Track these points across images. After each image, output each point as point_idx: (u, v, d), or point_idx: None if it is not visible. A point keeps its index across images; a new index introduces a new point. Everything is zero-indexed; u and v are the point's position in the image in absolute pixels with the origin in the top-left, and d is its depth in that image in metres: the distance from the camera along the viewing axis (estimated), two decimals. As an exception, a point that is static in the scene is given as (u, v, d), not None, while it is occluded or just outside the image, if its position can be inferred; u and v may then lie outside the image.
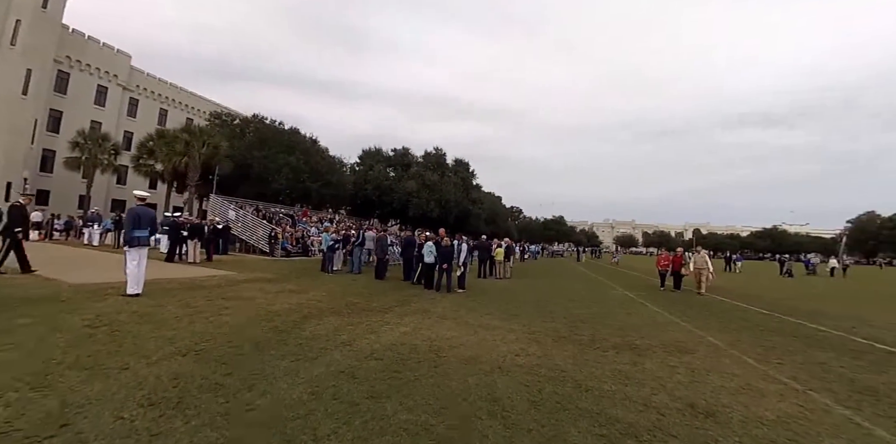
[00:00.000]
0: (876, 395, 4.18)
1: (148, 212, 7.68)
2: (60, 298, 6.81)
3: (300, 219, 28.26)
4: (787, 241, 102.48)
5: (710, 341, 6.33)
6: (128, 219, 7.51)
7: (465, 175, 43.35)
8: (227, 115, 36.23)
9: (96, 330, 5.01)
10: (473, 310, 8.12)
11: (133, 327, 5.28)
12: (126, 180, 39.70)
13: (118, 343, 4.53)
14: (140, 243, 7.41)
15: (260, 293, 8.70)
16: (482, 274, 15.88)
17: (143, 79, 44.68)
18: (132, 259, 7.26)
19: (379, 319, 6.75)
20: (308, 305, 7.66)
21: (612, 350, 5.43)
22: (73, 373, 3.55)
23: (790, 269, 28.44)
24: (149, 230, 7.60)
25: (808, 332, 7.57)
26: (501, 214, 62.73)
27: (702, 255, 14.01)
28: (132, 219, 7.43)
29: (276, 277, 11.87)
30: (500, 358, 4.79)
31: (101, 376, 3.54)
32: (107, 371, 3.65)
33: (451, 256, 10.66)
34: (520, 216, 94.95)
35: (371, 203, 38.62)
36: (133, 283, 7.29)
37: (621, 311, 9.12)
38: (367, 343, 5.18)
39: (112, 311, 6.12)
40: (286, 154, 30.31)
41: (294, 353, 4.60)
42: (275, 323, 6.01)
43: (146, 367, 3.84)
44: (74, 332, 4.88)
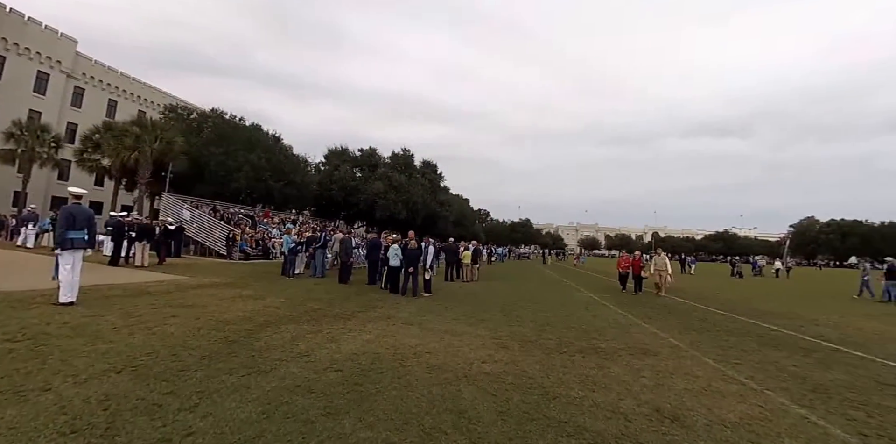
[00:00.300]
0: (827, 393, 4.35)
1: (84, 211, 7.02)
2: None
3: (261, 220, 27.23)
4: (737, 244, 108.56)
5: (672, 342, 6.45)
6: (61, 219, 6.81)
7: (433, 177, 43.19)
8: (183, 108, 34.37)
9: (17, 345, 4.46)
10: (440, 315, 7.96)
11: (62, 342, 4.75)
12: (69, 176, 36.94)
13: (42, 360, 4.04)
14: (74, 245, 6.76)
15: (212, 300, 8.18)
16: (449, 277, 15.75)
17: (90, 66, 41.65)
18: (65, 263, 6.63)
19: (341, 326, 6.47)
20: (265, 312, 7.25)
21: (579, 354, 5.40)
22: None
23: (740, 270, 30.18)
24: (86, 231, 6.93)
25: (762, 331, 7.89)
26: (469, 217, 62.98)
27: (661, 257, 14.18)
28: (66, 219, 6.74)
29: (233, 281, 11.28)
30: (467, 366, 4.65)
31: (17, 399, 3.10)
32: (24, 394, 3.21)
33: (418, 259, 10.46)
34: (487, 219, 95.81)
35: (337, 204, 37.77)
36: (66, 290, 6.66)
37: (586, 313, 9.21)
38: (326, 353, 4.90)
39: (39, 322, 5.53)
40: (247, 152, 29.07)
41: (245, 366, 4.26)
42: (226, 333, 5.61)
43: (72, 387, 3.42)
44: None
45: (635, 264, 14.31)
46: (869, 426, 3.52)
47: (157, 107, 41.80)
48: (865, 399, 4.20)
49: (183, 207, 22.36)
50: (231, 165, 28.16)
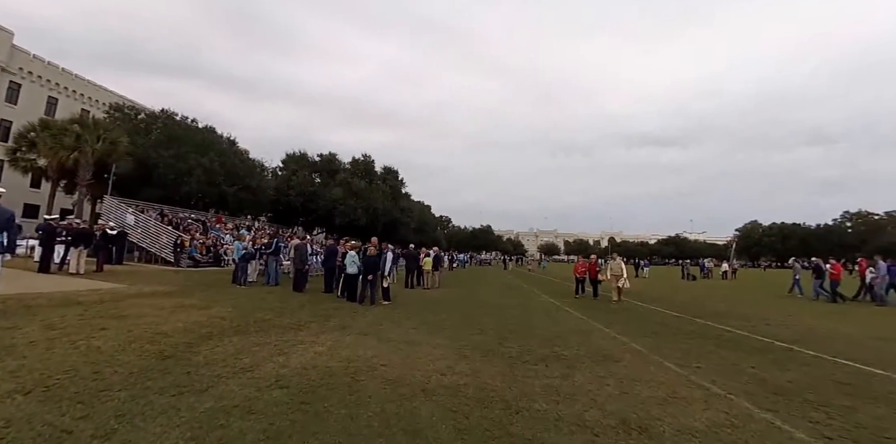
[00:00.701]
0: (787, 395, 4.35)
1: (2, 212, 6.28)
2: None
3: (213, 225, 25.83)
4: (688, 247, 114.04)
5: (633, 347, 6.40)
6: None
7: (395, 183, 42.70)
8: (130, 108, 32.34)
9: None
10: (398, 324, 7.61)
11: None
12: (0, 177, 33.83)
13: None
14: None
15: (151, 310, 7.51)
16: (410, 285, 15.39)
17: (27, 61, 38.51)
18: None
19: (291, 337, 6.01)
20: (209, 323, 6.68)
21: (542, 363, 5.22)
22: None
23: (691, 273, 31.65)
24: (4, 235, 6.28)
25: (718, 333, 8.04)
26: (430, 223, 62.73)
27: (617, 262, 13.86)
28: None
29: (177, 290, 10.48)
30: (425, 379, 4.35)
31: None
32: None
33: (377, 266, 10.05)
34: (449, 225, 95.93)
35: (295, 210, 36.55)
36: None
37: (547, 319, 9.13)
38: (272, 368, 4.48)
39: None
40: (199, 154, 27.59)
41: (178, 384, 3.80)
42: (161, 347, 5.08)
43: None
44: None
45: (591, 268, 14.15)
46: (831, 428, 3.51)
47: (103, 106, 39.09)
48: (824, 400, 4.22)
49: (127, 211, 20.87)
50: (181, 168, 26.64)
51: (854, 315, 11.51)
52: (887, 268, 14.01)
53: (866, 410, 3.99)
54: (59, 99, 41.08)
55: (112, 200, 21.74)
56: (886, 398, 4.37)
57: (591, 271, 14.00)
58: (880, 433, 3.47)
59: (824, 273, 15.07)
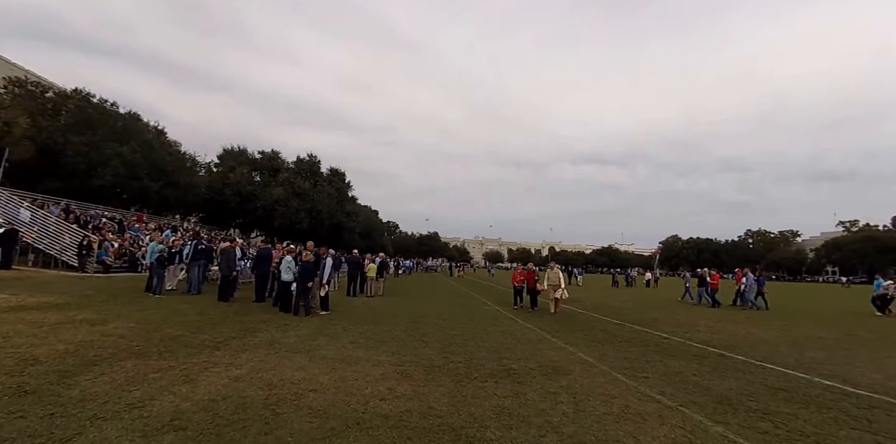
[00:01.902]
0: (731, 404, 4.39)
1: None
2: None
3: (131, 225, 23.25)
4: (620, 257, 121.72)
5: (581, 357, 6.24)
6: None
7: (341, 186, 41.17)
8: (35, 84, 28.17)
9: None
10: (335, 338, 6.92)
11: None
12: None
13: None
14: None
15: (26, 328, 6.21)
16: (352, 292, 14.58)
17: None
18: None
19: (204, 359, 5.14)
20: (100, 343, 5.59)
21: (491, 379, 4.83)
22: None
23: (619, 280, 33.95)
24: None
25: (657, 340, 8.18)
26: (377, 229, 61.39)
27: (555, 271, 12.78)
28: None
29: (72, 301, 8.98)
30: (361, 406, 3.78)
31: None
32: None
33: (313, 272, 9.24)
34: (396, 231, 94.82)
35: (230, 210, 34.02)
36: None
37: (494, 329, 8.82)
38: (170, 402, 3.64)
39: None
40: (117, 143, 24.76)
41: (32, 434, 2.91)
42: (23, 378, 4.02)
43: None
44: None
45: (530, 277, 13.24)
46: (779, 438, 3.56)
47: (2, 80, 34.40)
48: (765, 407, 4.33)
49: (21, 205, 18.12)
50: (94, 157, 23.75)
51: (759, 320, 12.57)
52: (755, 279, 16.59)
53: (805, 416, 4.15)
54: (-54, 75, 35.50)
55: (2, 191, 18.81)
56: (818, 403, 4.59)
57: (530, 281, 13.16)
58: (823, 440, 3.59)
59: (707, 282, 17.35)
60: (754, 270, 18.46)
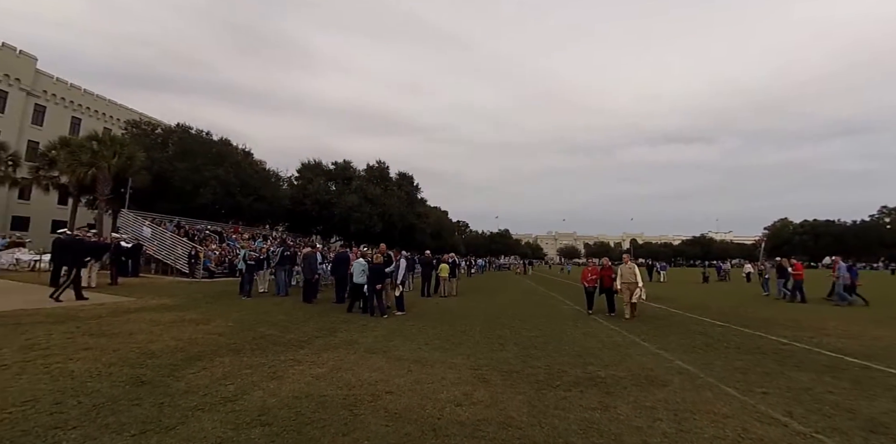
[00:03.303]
0: (888, 432, 3.44)
1: None
2: None
3: (229, 236, 25.76)
4: (714, 248, 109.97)
5: (680, 366, 5.51)
6: None
7: (410, 189, 42.28)
8: (147, 123, 32.88)
9: None
10: (410, 339, 6.89)
11: None
12: (30, 195, 34.75)
13: None
14: None
15: (147, 326, 7.03)
16: (426, 293, 14.68)
17: (50, 84, 39.87)
18: None
19: (290, 357, 5.38)
20: (203, 340, 6.13)
21: (575, 388, 4.41)
22: None
23: (709, 274, 29.60)
24: None
25: (773, 346, 7.01)
26: (448, 229, 62.03)
27: (628, 266, 10.33)
28: None
29: (182, 303, 10.04)
30: (437, 412, 3.62)
31: None
32: None
33: (384, 274, 9.36)
34: (466, 230, 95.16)
35: (311, 219, 36.39)
36: None
37: (576, 330, 8.25)
38: (259, 397, 3.85)
39: None
40: (214, 166, 27.77)
41: (145, 420, 3.22)
42: (141, 370, 4.55)
43: None
44: None
45: (604, 275, 10.85)
46: None
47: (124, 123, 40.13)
48: None
49: (143, 223, 20.89)
50: (197, 179, 26.81)
51: None
52: (847, 268, 14.20)
53: None
54: (83, 119, 42.27)
55: (129, 213, 21.84)
56: None
57: (605, 279, 10.80)
58: None
59: (787, 273, 15.31)
60: (847, 257, 16.12)
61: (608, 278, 10.77)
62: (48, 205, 36.24)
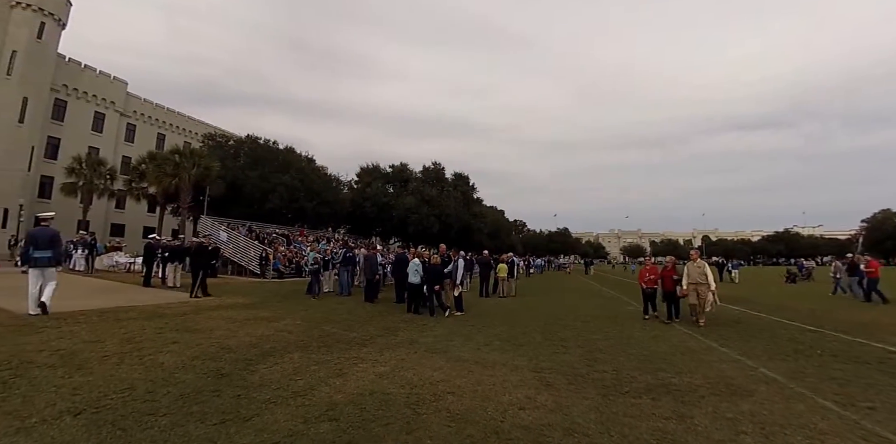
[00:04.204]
0: None
1: (46, 232, 7.40)
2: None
3: (296, 239, 27.28)
4: (801, 244, 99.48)
5: (765, 374, 5.03)
6: (25, 241, 7.57)
7: (466, 189, 42.42)
8: (221, 136, 35.82)
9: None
10: (470, 339, 6.88)
11: (40, 372, 4.28)
12: (125, 205, 39.14)
13: (3, 397, 3.56)
14: (37, 263, 7.20)
15: (224, 323, 7.59)
16: (484, 293, 14.61)
17: (139, 104, 44.70)
18: (33, 280, 7.21)
19: (354, 354, 5.57)
20: (274, 337, 6.51)
21: (646, 395, 4.16)
22: None
23: (791, 273, 26.55)
24: (50, 251, 7.33)
25: (879, 354, 6.20)
26: (504, 228, 61.51)
27: (697, 265, 9.03)
28: (29, 240, 7.35)
29: (255, 301, 10.76)
30: (499, 414, 3.57)
31: None
32: None
33: (440, 275, 9.42)
34: (524, 230, 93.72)
35: (370, 221, 37.64)
36: (32, 303, 7.19)
37: (643, 333, 7.81)
38: (326, 393, 4.01)
39: (34, 348, 5.18)
40: (280, 173, 29.66)
41: (225, 410, 3.47)
42: (221, 364, 4.90)
43: (13, 435, 2.86)
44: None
45: (666, 276, 9.65)
46: None
47: (200, 137, 43.96)
48: None
49: (220, 228, 22.67)
50: (265, 186, 28.73)
51: None
52: None
53: None
54: (166, 135, 46.98)
55: (207, 219, 23.81)
56: None
57: (666, 280, 9.60)
58: None
59: (860, 271, 14.12)
60: None
61: (669, 279, 9.52)
62: (140, 213, 40.56)
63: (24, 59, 30.91)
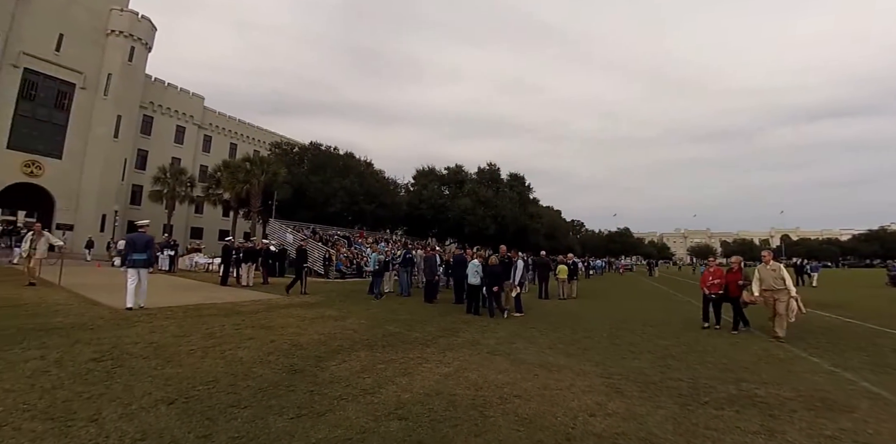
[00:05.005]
0: None
1: (143, 237, 8.42)
2: (90, 325, 6.62)
3: (356, 240, 28.31)
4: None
5: (868, 389, 4.52)
6: (126, 244, 8.66)
7: (522, 189, 41.88)
8: (286, 144, 37.99)
9: (97, 366, 4.51)
10: (533, 342, 6.79)
11: (138, 363, 4.73)
12: (203, 210, 42.73)
13: (108, 384, 3.97)
14: (135, 264, 8.14)
15: (294, 320, 8.03)
16: (543, 295, 14.34)
17: (214, 117, 48.62)
18: (130, 278, 8.13)
19: (417, 354, 5.68)
20: (341, 335, 6.79)
21: (729, 407, 3.89)
22: (32, 425, 3.00)
23: None
24: (146, 253, 8.35)
25: None
26: (561, 229, 59.98)
27: (771, 267, 7.85)
28: (128, 244, 8.43)
29: (321, 301, 11.28)
30: (569, 420, 3.50)
31: (61, 430, 2.94)
32: (71, 424, 3.04)
33: (500, 276, 9.36)
34: (581, 230, 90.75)
35: (427, 222, 38.23)
36: (130, 298, 8.12)
37: (720, 340, 7.30)
38: (394, 391, 4.12)
39: (130, 341, 5.72)
40: (341, 178, 30.93)
41: (300, 405, 3.67)
42: (294, 360, 5.18)
43: (117, 419, 3.17)
44: (76, 367, 4.43)
45: (731, 279, 8.53)
46: None
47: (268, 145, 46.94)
48: None
49: (286, 231, 24.04)
50: (327, 190, 30.09)
51: None
52: None
53: None
54: (238, 144, 50.73)
55: (275, 222, 25.34)
56: None
57: (731, 286, 8.45)
58: None
59: None
60: None
61: (734, 284, 8.40)
62: (216, 217, 44.06)
63: (118, 80, 34.67)
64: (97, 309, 8.07)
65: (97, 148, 33.49)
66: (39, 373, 4.14)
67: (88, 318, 7.16)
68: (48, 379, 3.98)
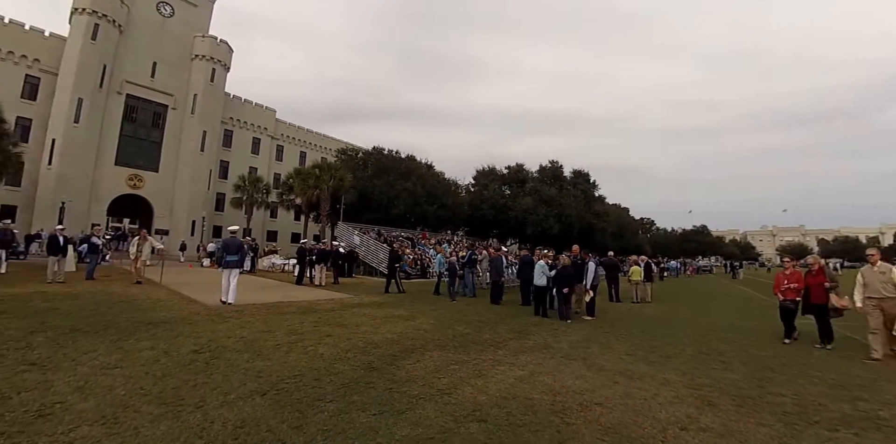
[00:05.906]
0: None
1: (235, 241, 9.40)
2: (189, 320, 7.26)
3: (419, 242, 28.87)
4: None
5: None
6: (219, 248, 9.90)
7: (586, 187, 40.18)
8: (351, 150, 39.72)
9: (198, 357, 4.95)
10: (608, 347, 6.50)
11: (232, 355, 5.12)
12: (277, 214, 45.90)
13: (209, 374, 4.34)
14: (229, 265, 9.19)
15: (366, 320, 8.31)
16: (613, 298, 13.69)
17: (285, 128, 52.18)
18: (224, 277, 9.26)
19: (490, 356, 5.65)
20: (412, 335, 6.93)
21: (845, 428, 3.44)
22: (150, 408, 3.37)
23: None
24: (238, 255, 9.31)
25: None
26: (630, 228, 56.94)
27: (879, 269, 6.41)
28: (222, 248, 9.69)
29: (389, 301, 11.59)
30: (659, 432, 3.29)
31: (173, 414, 3.28)
32: (181, 409, 3.38)
33: (570, 278, 9.05)
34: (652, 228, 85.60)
35: (488, 223, 38.02)
36: (224, 294, 9.21)
37: (829, 353, 6.50)
38: (470, 393, 4.12)
39: (224, 335, 6.19)
40: (403, 180, 31.71)
41: (380, 402, 3.78)
42: (371, 357, 5.35)
43: (219, 407, 3.46)
44: (180, 358, 4.89)
45: (813, 283, 7.18)
46: None
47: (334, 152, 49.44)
48: None
49: (353, 233, 25.08)
50: (391, 193, 31.01)
51: None
52: None
53: None
54: (307, 152, 54.04)
55: (343, 225, 26.53)
56: None
57: (813, 290, 7.15)
58: None
59: None
60: None
61: (818, 287, 7.03)
62: (288, 221, 47.23)
63: (203, 100, 38.53)
64: (193, 306, 8.89)
65: (187, 161, 37.49)
66: (151, 362, 4.62)
67: (187, 313, 7.90)
68: (159, 367, 4.44)
